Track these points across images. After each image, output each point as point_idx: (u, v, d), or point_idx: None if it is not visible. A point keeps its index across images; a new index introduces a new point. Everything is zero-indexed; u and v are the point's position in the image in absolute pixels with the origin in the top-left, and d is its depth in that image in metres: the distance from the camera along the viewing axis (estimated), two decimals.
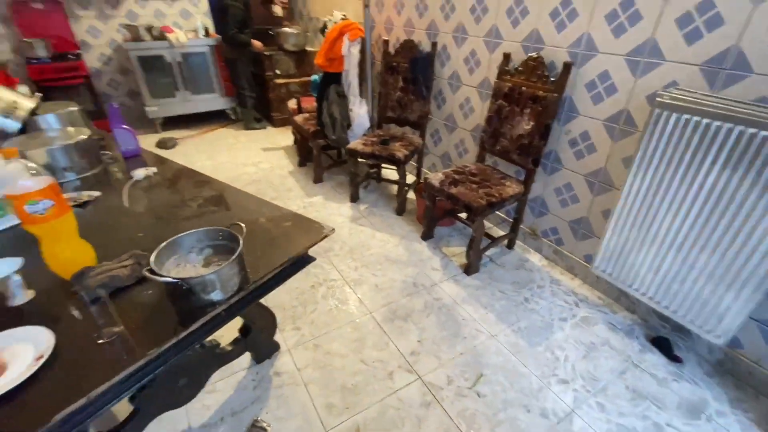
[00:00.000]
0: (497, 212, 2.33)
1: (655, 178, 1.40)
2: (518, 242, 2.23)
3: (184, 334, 0.77)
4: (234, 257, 0.81)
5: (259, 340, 1.47)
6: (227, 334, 1.34)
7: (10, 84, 2.22)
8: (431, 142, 2.78)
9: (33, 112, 1.57)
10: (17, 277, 0.81)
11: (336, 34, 2.66)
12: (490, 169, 2.08)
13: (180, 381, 1.14)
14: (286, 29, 3.84)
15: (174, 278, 0.74)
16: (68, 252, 0.86)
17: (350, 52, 2.62)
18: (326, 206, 2.62)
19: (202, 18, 4.19)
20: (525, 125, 1.87)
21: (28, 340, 0.72)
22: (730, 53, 1.24)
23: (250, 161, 3.32)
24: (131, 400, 1.00)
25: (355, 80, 2.70)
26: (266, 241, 1.04)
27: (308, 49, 4.00)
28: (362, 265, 2.04)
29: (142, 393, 1.00)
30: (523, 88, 1.85)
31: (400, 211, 2.53)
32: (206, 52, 3.89)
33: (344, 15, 3.00)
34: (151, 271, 0.75)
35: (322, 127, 2.75)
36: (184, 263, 0.87)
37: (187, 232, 0.88)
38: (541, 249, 2.13)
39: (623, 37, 1.50)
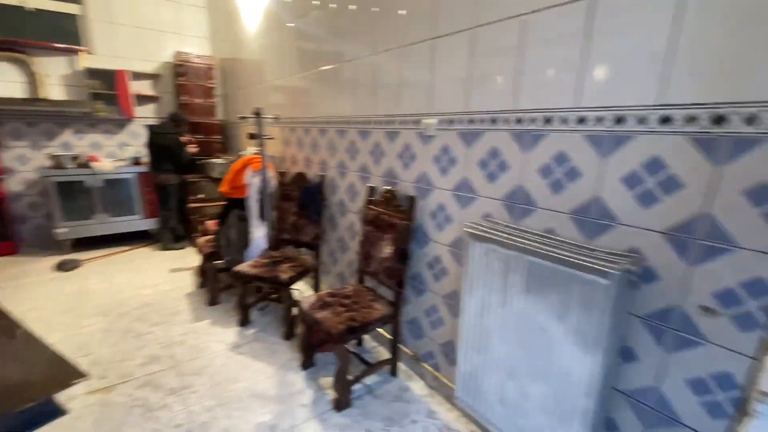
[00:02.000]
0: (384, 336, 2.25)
1: (481, 303, 1.44)
2: (404, 368, 2.11)
3: None
4: None
5: None
6: None
7: None
8: (330, 262, 2.82)
9: None
10: None
11: (240, 165, 2.89)
12: (366, 291, 2.09)
13: None
14: (214, 159, 4.14)
15: None
16: None
17: (252, 181, 2.81)
18: (210, 332, 2.45)
19: (138, 148, 4.42)
20: (387, 249, 1.96)
21: None
22: (516, 191, 1.43)
23: (150, 282, 3.18)
24: None
25: (255, 205, 2.83)
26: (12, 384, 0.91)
27: None
28: (219, 404, 1.81)
29: None
30: (384, 216, 2.00)
31: (288, 335, 2.39)
32: (131, 178, 4.04)
33: (257, 150, 3.31)
34: None
35: (219, 249, 2.77)
36: None
37: None
38: (424, 376, 2.02)
39: (448, 177, 1.71)
